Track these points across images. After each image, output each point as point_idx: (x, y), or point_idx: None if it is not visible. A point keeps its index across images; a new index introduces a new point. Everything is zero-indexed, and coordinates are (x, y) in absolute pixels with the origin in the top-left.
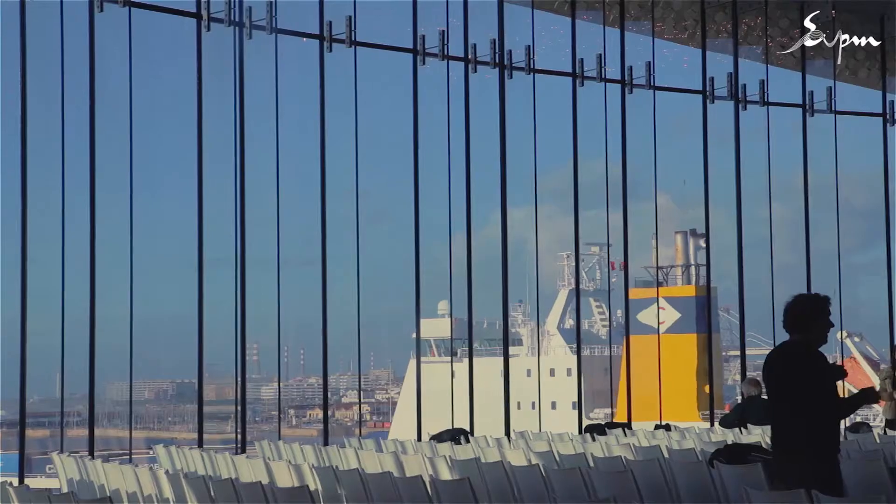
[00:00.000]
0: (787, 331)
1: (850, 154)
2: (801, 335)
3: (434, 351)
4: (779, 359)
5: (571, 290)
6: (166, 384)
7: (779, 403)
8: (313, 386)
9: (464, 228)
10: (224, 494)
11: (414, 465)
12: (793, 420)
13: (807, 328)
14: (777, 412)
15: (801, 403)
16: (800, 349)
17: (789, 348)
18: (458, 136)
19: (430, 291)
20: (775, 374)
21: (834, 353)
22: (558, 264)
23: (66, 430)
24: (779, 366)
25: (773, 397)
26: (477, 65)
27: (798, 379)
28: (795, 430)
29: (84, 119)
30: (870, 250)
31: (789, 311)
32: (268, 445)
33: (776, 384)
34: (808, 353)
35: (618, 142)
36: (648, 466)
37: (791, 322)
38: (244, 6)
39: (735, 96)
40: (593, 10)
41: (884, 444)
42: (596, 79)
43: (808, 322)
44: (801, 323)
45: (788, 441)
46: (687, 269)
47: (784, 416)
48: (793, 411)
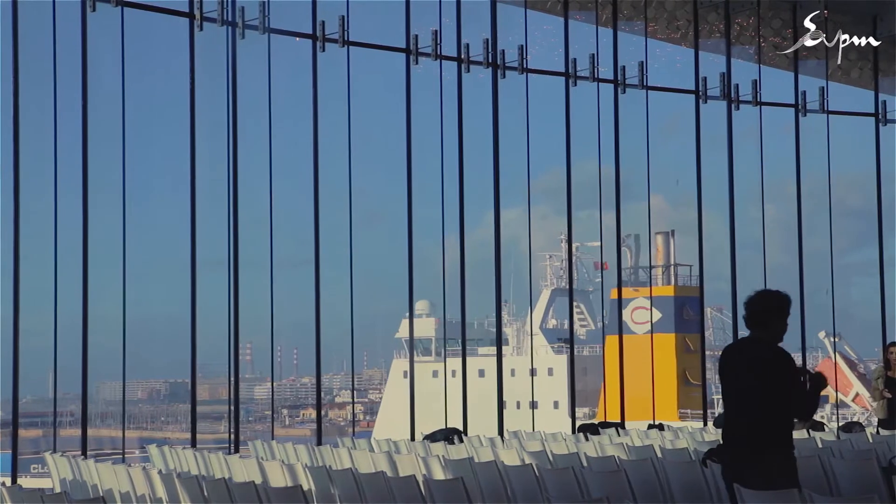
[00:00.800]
0: (750, 327)
1: (843, 154)
2: (764, 332)
3: (418, 351)
4: (746, 355)
5: (554, 290)
6: (159, 384)
7: (744, 399)
8: (306, 386)
9: (456, 228)
10: (217, 494)
11: (407, 465)
12: (761, 416)
13: (772, 325)
14: (742, 408)
15: (774, 399)
16: (770, 346)
17: (757, 345)
18: (451, 136)
19: (421, 292)
20: (739, 370)
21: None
22: (541, 264)
23: (59, 429)
24: (747, 362)
25: (737, 393)
26: (470, 64)
27: (773, 375)
28: (764, 425)
29: (77, 119)
30: (862, 250)
31: (756, 307)
32: (261, 445)
33: (741, 380)
34: (780, 349)
35: (611, 142)
36: (641, 466)
37: (757, 318)
38: (237, 6)
39: (728, 96)
40: (586, 10)
41: (876, 443)
42: (589, 79)
43: (773, 318)
44: (768, 319)
45: (756, 437)
46: (667, 269)
47: (750, 411)
48: (763, 407)
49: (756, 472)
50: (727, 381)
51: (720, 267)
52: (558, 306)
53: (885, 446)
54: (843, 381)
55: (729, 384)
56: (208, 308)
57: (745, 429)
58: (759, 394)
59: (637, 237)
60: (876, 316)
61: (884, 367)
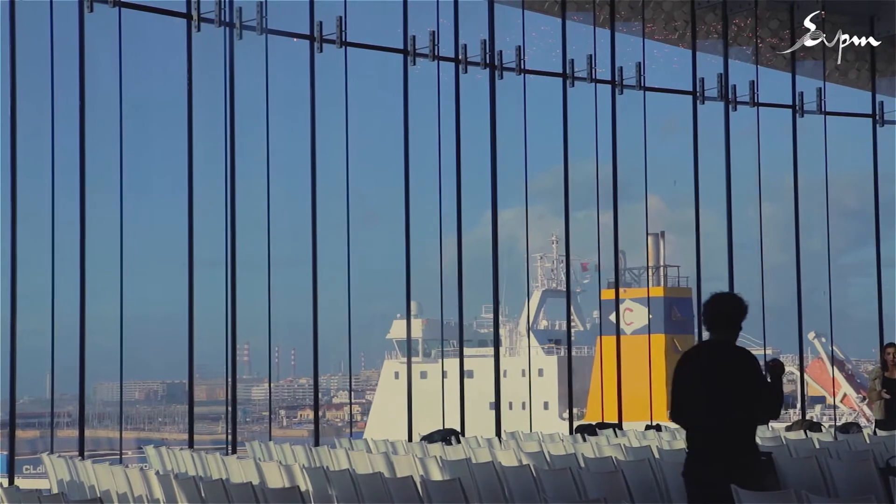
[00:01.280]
0: (715, 329)
1: (840, 155)
2: (730, 334)
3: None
4: (717, 359)
5: (544, 291)
6: (157, 385)
7: (721, 404)
8: (304, 386)
9: (454, 229)
10: (214, 495)
11: (405, 466)
12: (743, 419)
13: (737, 326)
14: (718, 413)
15: (749, 401)
16: (739, 347)
17: (727, 347)
18: (449, 136)
19: (418, 292)
20: (709, 375)
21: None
22: (532, 265)
23: (57, 430)
24: (720, 366)
25: (711, 398)
26: (467, 65)
27: (752, 377)
28: (745, 428)
29: (74, 119)
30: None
31: (726, 309)
32: (258, 446)
33: (714, 385)
34: (747, 350)
35: (608, 142)
36: (639, 467)
37: (727, 320)
38: (234, 6)
39: (725, 97)
40: (583, 11)
41: (874, 444)
42: (586, 79)
43: (738, 320)
44: (737, 321)
45: (738, 440)
46: (657, 270)
47: (722, 413)
48: (744, 409)
49: (744, 475)
50: (693, 386)
51: (717, 267)
52: (549, 307)
53: (883, 447)
54: (829, 381)
55: (697, 390)
56: (206, 309)
57: (725, 433)
58: (738, 397)
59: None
60: (873, 316)
61: (881, 367)
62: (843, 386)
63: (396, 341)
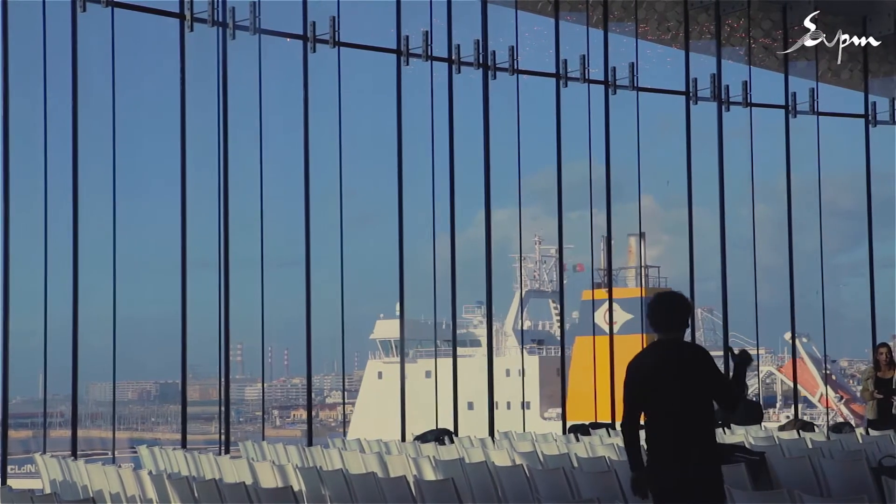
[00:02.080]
0: (662, 328)
1: (833, 155)
2: (681, 332)
3: (394, 352)
4: (675, 358)
5: (527, 292)
6: (150, 385)
7: (685, 404)
8: (297, 386)
9: (444, 229)
10: (207, 495)
11: (398, 466)
12: (696, 418)
13: (684, 324)
14: (681, 413)
15: (703, 396)
16: (694, 345)
17: (683, 346)
18: (442, 136)
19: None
20: (668, 376)
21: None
22: (515, 266)
23: (49, 430)
24: (680, 365)
25: (672, 399)
26: (461, 65)
27: (713, 373)
28: (709, 426)
29: (67, 119)
30: (852, 251)
31: (668, 308)
32: (252, 446)
33: (675, 385)
34: (699, 346)
35: (601, 143)
36: None
37: (676, 319)
38: (227, 6)
39: (718, 97)
40: (577, 11)
41: (866, 444)
42: (579, 80)
43: (684, 318)
44: (680, 319)
45: (704, 440)
46: (638, 270)
47: (679, 412)
48: (698, 408)
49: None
50: (647, 388)
51: (710, 267)
52: (532, 307)
53: (875, 447)
54: (809, 381)
55: (652, 391)
56: (199, 309)
57: (683, 433)
58: (694, 394)
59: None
60: (866, 317)
61: (873, 367)
62: (821, 386)
63: (380, 341)
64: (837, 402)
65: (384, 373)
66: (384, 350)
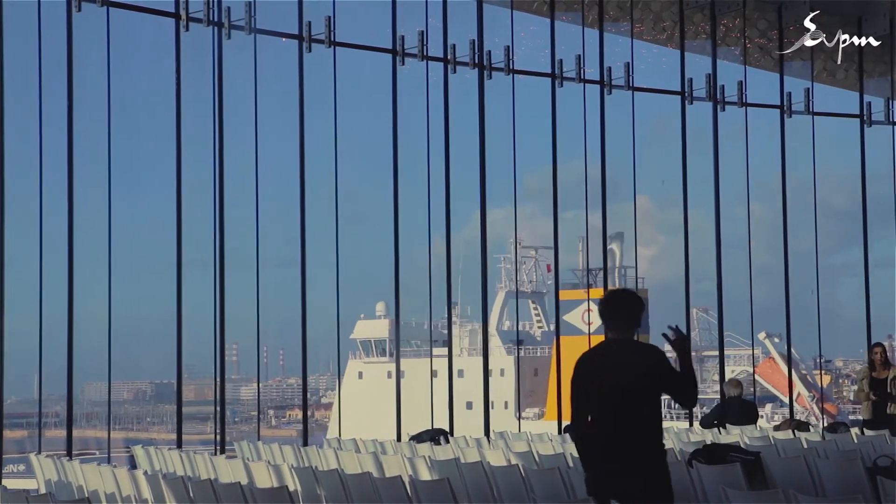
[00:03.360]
0: (614, 326)
1: (828, 155)
2: (627, 330)
3: (374, 352)
4: (628, 357)
5: (508, 292)
6: (145, 385)
7: (633, 403)
8: (293, 386)
9: (443, 229)
10: (203, 495)
11: (393, 466)
12: (643, 418)
13: (635, 322)
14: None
15: (654, 399)
16: (641, 342)
17: (636, 344)
18: (438, 136)
19: (380, 293)
20: (619, 375)
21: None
22: (496, 266)
23: (44, 430)
24: (633, 364)
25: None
26: (456, 65)
27: (669, 371)
28: (645, 428)
29: (62, 119)
30: (847, 251)
31: (620, 306)
32: (247, 446)
33: (622, 385)
34: (651, 345)
35: (597, 142)
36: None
37: (627, 318)
38: (223, 6)
39: (713, 97)
40: (572, 11)
41: (861, 444)
42: (575, 79)
43: (636, 316)
44: (633, 317)
45: (653, 440)
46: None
47: (632, 415)
48: (645, 408)
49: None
50: (598, 388)
51: (706, 267)
52: (512, 308)
53: (870, 446)
54: (782, 380)
55: (602, 392)
56: (194, 309)
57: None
58: (649, 395)
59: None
60: (861, 317)
61: (868, 367)
62: (797, 385)
63: (360, 341)
64: (811, 401)
65: (365, 372)
66: (364, 350)
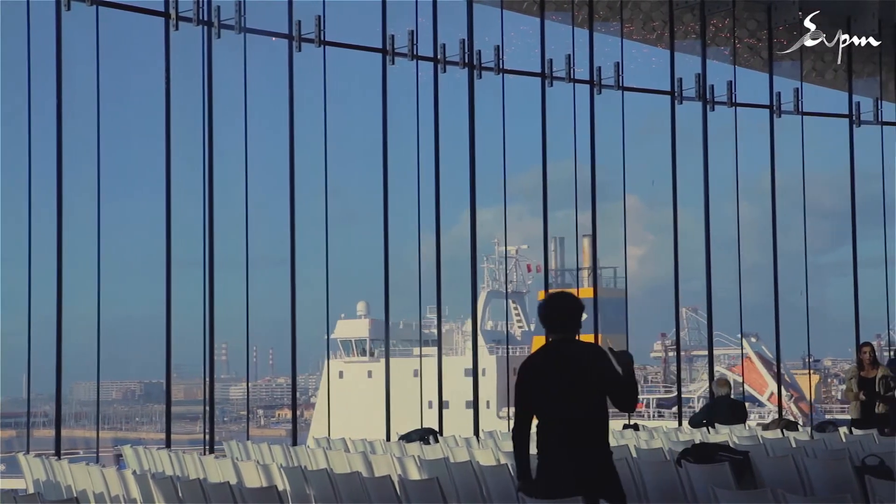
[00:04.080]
0: (555, 328)
1: (817, 155)
2: (569, 332)
3: (355, 351)
4: (573, 357)
5: (489, 292)
6: (134, 384)
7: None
8: (282, 386)
9: (432, 228)
10: (192, 495)
11: (383, 465)
12: (589, 418)
13: (577, 324)
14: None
15: (600, 399)
16: (585, 342)
17: (581, 345)
18: (428, 135)
19: (360, 293)
20: (565, 375)
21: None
22: (479, 266)
23: (33, 430)
24: (578, 364)
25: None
26: (446, 65)
27: (599, 370)
28: (605, 425)
29: (51, 118)
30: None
31: (561, 308)
32: (236, 445)
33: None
34: (594, 344)
35: (587, 142)
36: (617, 466)
37: (568, 320)
38: (213, 5)
39: (703, 97)
40: (562, 11)
41: (849, 443)
42: (565, 79)
43: (577, 318)
44: (573, 318)
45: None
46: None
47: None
48: (592, 408)
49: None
50: (543, 390)
51: (695, 267)
52: (494, 308)
53: (859, 446)
54: (759, 380)
55: (548, 393)
56: (183, 308)
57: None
58: (595, 395)
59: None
60: (850, 316)
61: (857, 367)
62: (770, 385)
63: (341, 341)
64: (788, 400)
65: (345, 372)
66: (345, 350)
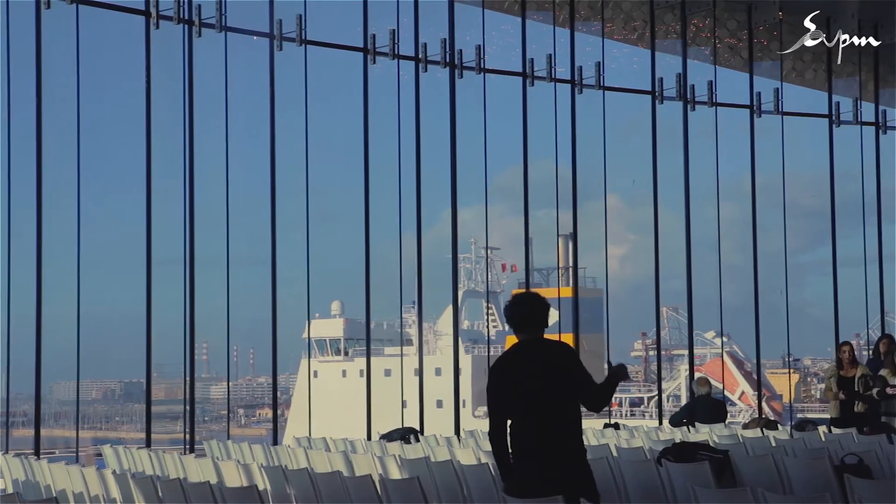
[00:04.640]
0: (523, 328)
1: (797, 155)
2: (536, 332)
3: (329, 351)
4: (544, 357)
5: (465, 292)
6: (114, 384)
7: (556, 403)
8: (262, 385)
9: (410, 227)
10: (172, 494)
11: (363, 465)
12: (562, 418)
13: (543, 324)
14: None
15: (572, 398)
16: (553, 341)
17: (550, 344)
18: (409, 135)
19: (334, 292)
20: (537, 375)
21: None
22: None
23: (12, 430)
24: (550, 364)
25: (544, 399)
26: (427, 64)
27: (581, 370)
28: (565, 428)
29: (31, 116)
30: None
31: (527, 308)
32: (216, 445)
33: (543, 384)
34: (562, 342)
35: (568, 142)
36: (597, 465)
37: (535, 320)
38: (193, 4)
39: (683, 97)
40: (543, 11)
41: (828, 442)
42: (546, 79)
43: (544, 318)
44: (540, 319)
45: (576, 438)
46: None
47: (551, 415)
48: (564, 407)
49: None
50: (514, 391)
51: (675, 266)
52: (470, 307)
53: (838, 445)
54: (729, 379)
55: (519, 394)
56: (164, 307)
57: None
58: (567, 394)
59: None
60: (829, 315)
61: (836, 366)
62: (741, 384)
63: (315, 340)
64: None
65: (319, 372)
66: (320, 349)
